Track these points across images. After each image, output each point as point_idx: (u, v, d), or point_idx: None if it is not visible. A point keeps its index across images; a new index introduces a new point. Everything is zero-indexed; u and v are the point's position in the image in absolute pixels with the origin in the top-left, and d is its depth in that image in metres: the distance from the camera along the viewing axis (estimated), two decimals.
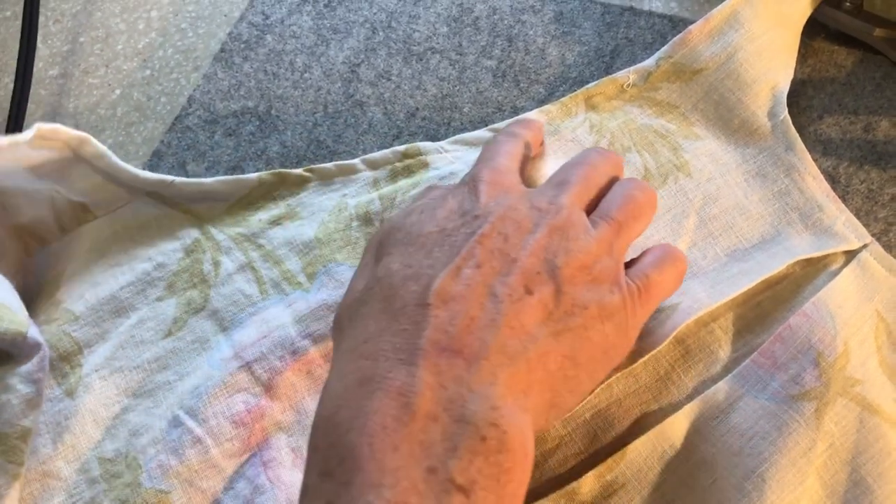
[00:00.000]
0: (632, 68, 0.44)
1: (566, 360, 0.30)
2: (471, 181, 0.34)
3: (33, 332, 0.36)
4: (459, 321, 0.28)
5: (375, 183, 0.42)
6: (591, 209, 0.34)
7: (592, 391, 0.33)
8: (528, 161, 0.38)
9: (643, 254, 0.35)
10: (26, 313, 0.37)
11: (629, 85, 0.43)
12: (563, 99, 0.43)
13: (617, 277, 0.32)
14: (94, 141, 0.39)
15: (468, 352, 0.28)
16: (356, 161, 0.42)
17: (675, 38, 0.43)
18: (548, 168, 0.41)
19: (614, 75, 0.44)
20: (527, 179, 0.40)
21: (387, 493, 0.24)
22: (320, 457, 0.26)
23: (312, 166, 0.42)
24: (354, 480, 0.25)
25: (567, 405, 0.31)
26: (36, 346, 0.36)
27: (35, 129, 0.36)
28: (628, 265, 0.34)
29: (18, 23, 0.53)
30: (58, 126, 0.37)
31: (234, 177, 0.41)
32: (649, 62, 0.44)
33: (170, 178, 0.41)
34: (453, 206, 0.33)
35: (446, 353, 0.27)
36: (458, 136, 0.43)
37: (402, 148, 0.42)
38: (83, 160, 0.39)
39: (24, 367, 0.35)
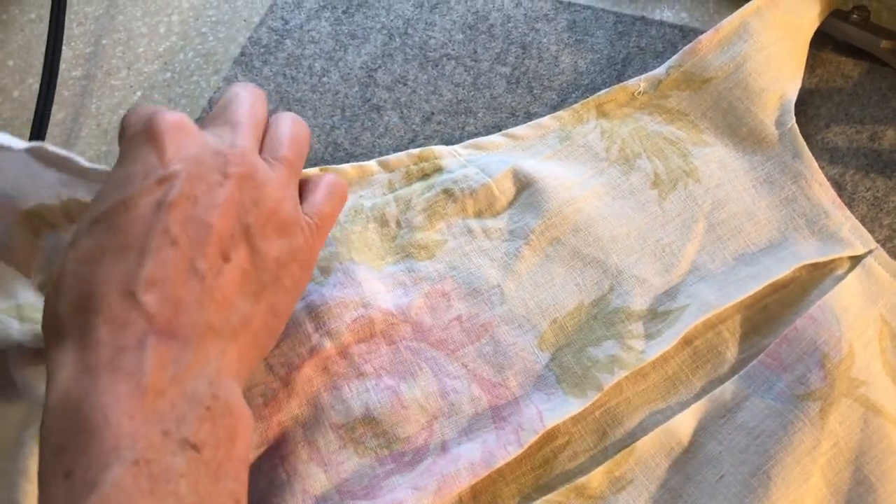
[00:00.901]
0: (642, 76, 0.45)
1: (267, 315, 0.32)
2: (145, 132, 0.31)
3: None
4: (168, 305, 0.28)
5: (390, 185, 0.43)
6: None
7: None
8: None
9: (309, 187, 0.36)
10: None
11: (640, 93, 0.44)
12: (574, 106, 0.44)
13: (298, 218, 0.33)
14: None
15: (181, 335, 0.28)
16: (372, 162, 0.43)
17: (685, 48, 0.44)
18: (561, 174, 0.42)
19: (625, 83, 0.45)
20: (538, 185, 0.41)
21: (126, 453, 0.25)
22: (54, 438, 0.26)
23: (329, 167, 0.43)
24: (91, 446, 0.25)
25: (269, 347, 0.33)
26: None
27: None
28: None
29: (42, 25, 0.54)
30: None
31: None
32: (660, 70, 0.45)
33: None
34: (136, 170, 0.30)
35: (163, 337, 0.28)
36: (471, 141, 0.44)
37: (416, 151, 0.43)
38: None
39: None
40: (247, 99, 0.35)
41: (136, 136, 0.32)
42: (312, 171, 0.43)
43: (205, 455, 0.27)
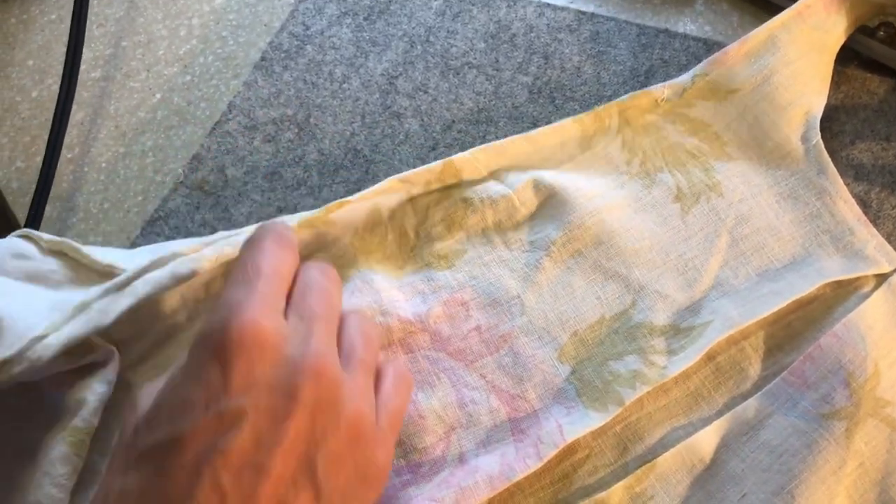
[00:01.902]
0: (667, 83, 0.44)
1: None
2: (216, 343, 0.27)
3: (103, 343, 0.37)
4: None
5: (409, 194, 0.42)
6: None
7: None
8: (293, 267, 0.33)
9: (379, 377, 0.32)
10: None
11: (663, 99, 0.44)
12: (597, 108, 0.44)
13: (375, 430, 0.29)
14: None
15: None
16: (392, 180, 0.41)
17: (711, 57, 0.44)
18: (582, 185, 0.42)
19: (649, 88, 0.44)
20: (559, 196, 0.41)
21: None
22: None
23: (344, 200, 0.41)
24: None
25: None
26: (112, 354, 0.37)
27: None
28: None
29: (62, 26, 0.54)
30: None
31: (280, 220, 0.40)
32: (684, 78, 0.44)
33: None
34: (196, 396, 0.27)
35: None
36: (489, 144, 0.42)
37: (438, 166, 0.41)
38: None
39: (105, 370, 0.36)
40: (324, 289, 0.31)
41: (206, 343, 0.27)
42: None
43: None
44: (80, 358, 0.36)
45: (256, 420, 0.26)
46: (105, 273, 0.37)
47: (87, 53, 0.52)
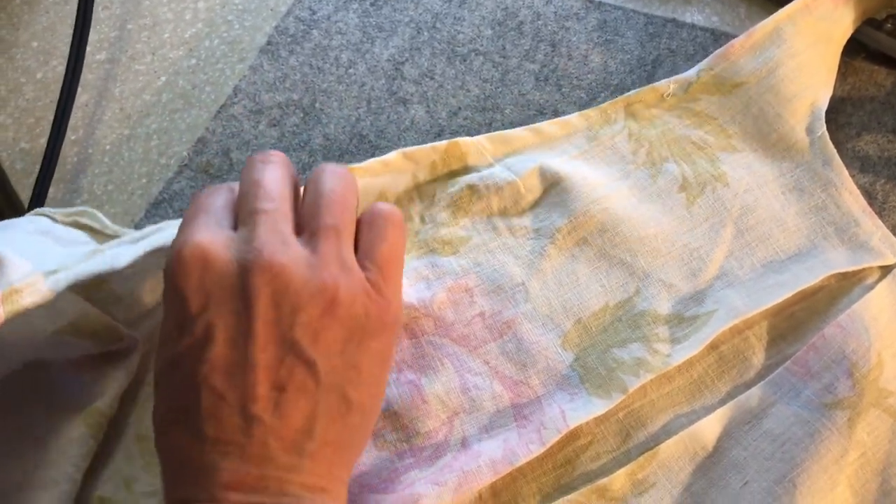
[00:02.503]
0: (672, 78, 0.44)
1: (347, 416, 0.29)
2: (170, 270, 0.29)
3: (128, 332, 0.37)
4: (234, 459, 0.27)
5: (415, 179, 0.42)
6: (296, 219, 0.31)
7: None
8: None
9: (360, 231, 0.32)
10: None
11: (669, 94, 0.44)
12: (603, 105, 0.44)
13: (355, 290, 0.29)
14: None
15: (251, 480, 0.27)
16: (397, 156, 0.42)
17: (717, 51, 0.44)
18: (588, 174, 0.42)
19: (655, 84, 0.44)
20: (565, 183, 0.41)
21: None
22: None
23: (352, 165, 0.42)
24: None
25: (361, 445, 0.31)
26: (135, 344, 0.37)
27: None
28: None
29: (68, 7, 0.54)
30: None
31: None
32: (690, 73, 0.44)
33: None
34: (172, 325, 0.29)
35: (232, 489, 0.27)
36: (497, 133, 0.43)
37: (442, 144, 0.42)
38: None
39: (127, 360, 0.37)
40: (268, 172, 0.31)
41: (166, 273, 0.30)
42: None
43: None
44: (106, 343, 0.36)
45: (224, 325, 0.28)
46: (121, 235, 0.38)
47: (92, 35, 0.52)
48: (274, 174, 0.31)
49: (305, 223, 0.30)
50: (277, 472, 0.28)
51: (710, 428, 0.35)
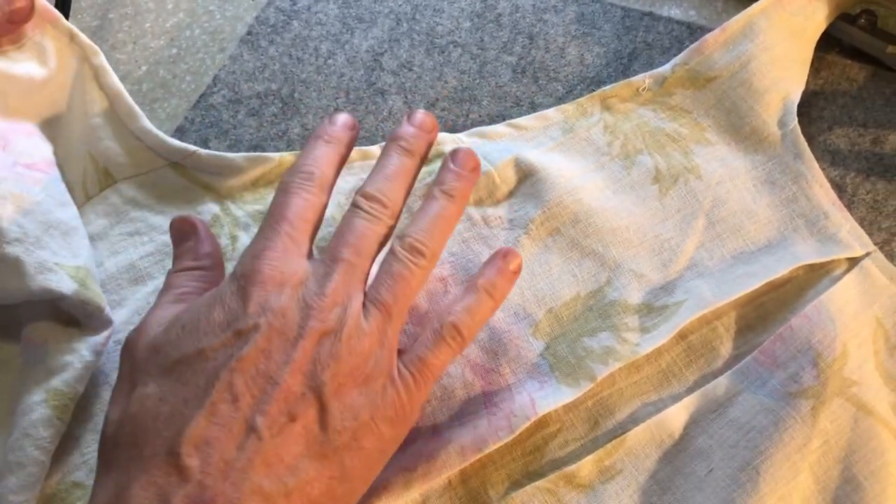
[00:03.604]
0: (648, 73, 0.45)
1: (333, 481, 0.29)
2: (241, 279, 0.31)
3: (107, 309, 0.37)
4: (214, 468, 0.27)
5: None
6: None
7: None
8: (339, 168, 0.35)
9: (422, 331, 0.34)
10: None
11: (644, 89, 0.44)
12: (579, 99, 0.44)
13: (390, 370, 0.31)
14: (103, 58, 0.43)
15: (222, 500, 0.27)
16: (375, 147, 0.43)
17: (691, 46, 0.44)
18: (563, 165, 0.42)
19: (630, 79, 0.45)
20: (539, 174, 0.41)
21: None
22: None
23: None
24: None
25: None
26: (108, 322, 0.38)
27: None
28: (402, 349, 0.33)
29: None
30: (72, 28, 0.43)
31: (256, 154, 0.43)
32: (665, 68, 0.45)
33: (192, 147, 0.42)
34: (218, 318, 0.30)
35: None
36: (475, 129, 0.44)
37: None
38: (115, 118, 0.41)
39: (94, 337, 0.37)
40: (359, 231, 0.33)
41: (234, 278, 0.31)
42: None
43: None
44: (81, 307, 0.36)
45: (269, 336, 0.29)
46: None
47: (73, 24, 0.52)
48: (372, 227, 0.33)
49: (368, 295, 0.32)
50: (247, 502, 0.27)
51: (676, 416, 0.36)
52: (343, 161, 0.35)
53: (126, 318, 0.39)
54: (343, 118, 0.36)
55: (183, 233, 0.37)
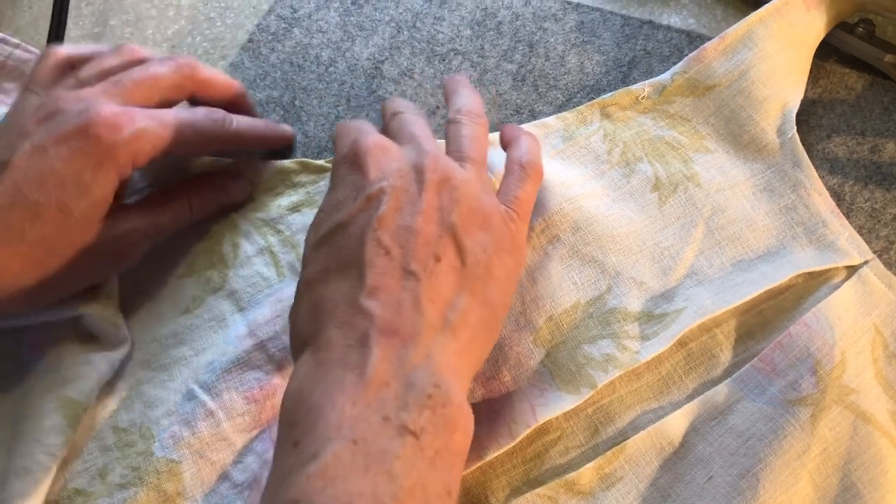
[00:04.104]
0: (647, 81, 0.45)
1: (483, 309, 0.33)
2: (348, 158, 0.35)
3: (124, 326, 0.39)
4: (390, 308, 0.31)
5: None
6: None
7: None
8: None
9: (504, 176, 0.39)
10: None
11: (644, 97, 0.45)
12: (579, 107, 0.45)
13: (499, 209, 0.35)
14: None
15: (403, 333, 0.30)
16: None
17: (690, 55, 0.45)
18: (562, 173, 0.42)
19: (630, 87, 0.45)
20: (541, 186, 0.41)
21: (346, 432, 0.28)
22: (289, 416, 0.30)
23: (331, 158, 0.43)
24: (318, 424, 0.28)
25: (490, 343, 0.34)
26: (125, 340, 0.39)
27: None
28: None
29: (51, 2, 0.54)
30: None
31: (256, 161, 0.43)
32: (664, 77, 0.45)
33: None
34: (347, 193, 0.34)
35: (385, 335, 0.30)
36: None
37: None
38: None
39: (112, 353, 0.38)
40: (413, 117, 0.38)
41: (343, 160, 0.35)
42: (317, 161, 0.43)
43: (422, 442, 0.28)
44: (91, 324, 0.37)
45: (396, 195, 0.33)
46: None
47: (75, 31, 0.52)
48: (417, 116, 0.39)
49: (453, 154, 0.37)
50: (425, 336, 0.31)
51: (676, 423, 0.36)
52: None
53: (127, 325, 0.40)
54: None
55: None
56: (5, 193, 0.34)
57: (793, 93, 0.43)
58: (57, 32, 0.48)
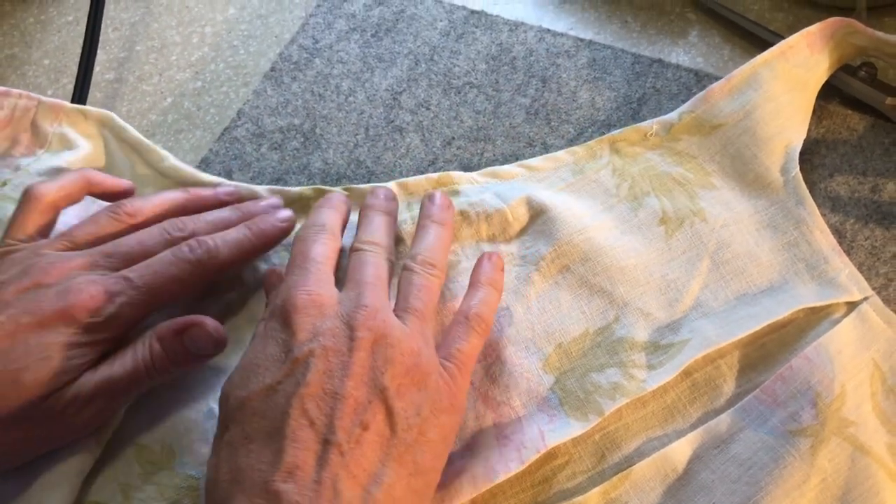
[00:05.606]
0: (655, 119, 0.46)
1: (412, 479, 0.31)
2: (282, 312, 0.34)
3: None
4: (306, 492, 0.29)
5: (409, 206, 0.44)
6: None
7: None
8: (342, 231, 0.41)
9: (452, 324, 0.37)
10: None
11: (652, 134, 0.46)
12: (589, 142, 0.46)
13: (437, 367, 0.34)
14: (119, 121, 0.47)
15: None
16: (392, 185, 0.45)
17: (697, 95, 0.46)
18: (573, 205, 0.44)
19: (639, 124, 0.46)
20: (550, 213, 0.43)
21: None
22: None
23: (350, 186, 0.45)
24: None
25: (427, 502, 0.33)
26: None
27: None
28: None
29: (79, 28, 0.56)
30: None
31: (278, 187, 0.44)
32: (672, 115, 0.46)
33: (218, 178, 0.44)
34: (274, 353, 0.33)
35: None
36: (489, 169, 0.46)
37: (435, 175, 0.45)
38: (144, 162, 0.43)
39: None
40: (371, 262, 0.37)
41: (273, 314, 0.34)
42: (335, 189, 0.45)
43: None
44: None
45: (325, 356, 0.32)
46: None
47: (101, 55, 0.54)
48: (377, 255, 0.38)
49: (398, 306, 0.36)
50: None
51: (680, 451, 0.37)
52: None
53: None
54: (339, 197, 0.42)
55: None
56: None
57: (796, 133, 0.45)
58: (88, 57, 0.49)
